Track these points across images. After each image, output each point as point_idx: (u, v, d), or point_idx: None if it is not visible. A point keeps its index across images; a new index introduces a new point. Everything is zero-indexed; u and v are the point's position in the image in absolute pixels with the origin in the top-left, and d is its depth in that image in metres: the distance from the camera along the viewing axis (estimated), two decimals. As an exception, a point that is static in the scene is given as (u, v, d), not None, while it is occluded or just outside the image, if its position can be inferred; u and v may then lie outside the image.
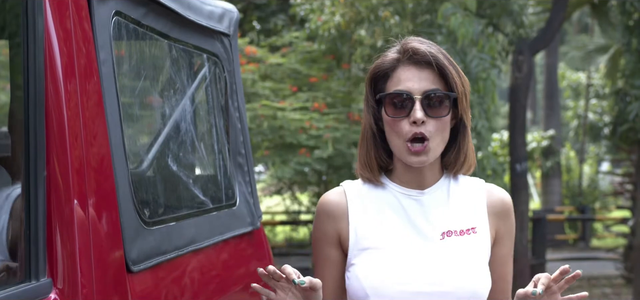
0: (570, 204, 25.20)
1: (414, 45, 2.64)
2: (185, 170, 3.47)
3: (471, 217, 2.67)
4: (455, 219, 2.66)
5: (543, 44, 13.56)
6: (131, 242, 2.72)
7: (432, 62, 2.60)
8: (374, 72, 2.70)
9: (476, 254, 2.63)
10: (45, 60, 2.40)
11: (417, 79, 2.61)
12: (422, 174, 2.66)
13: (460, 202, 2.68)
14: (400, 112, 2.59)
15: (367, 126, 2.71)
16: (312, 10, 12.86)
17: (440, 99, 2.60)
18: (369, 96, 2.71)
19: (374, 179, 2.70)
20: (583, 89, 27.50)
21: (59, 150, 2.41)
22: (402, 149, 2.59)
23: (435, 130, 2.58)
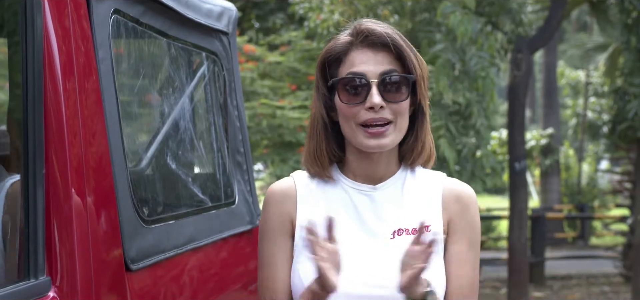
0: (569, 202, 25.22)
1: (368, 26, 2.46)
2: (184, 169, 3.47)
3: (424, 214, 2.46)
4: (407, 217, 2.46)
5: (542, 42, 13.56)
6: (130, 241, 2.72)
7: (388, 43, 2.43)
8: (325, 56, 2.52)
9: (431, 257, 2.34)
10: (44, 58, 2.40)
11: (373, 62, 2.43)
12: (376, 166, 2.49)
13: (415, 198, 2.49)
14: (355, 98, 2.42)
15: (318, 116, 2.52)
16: (311, 9, 12.86)
17: (398, 83, 2.42)
18: (320, 83, 2.54)
19: (323, 174, 2.53)
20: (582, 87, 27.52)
21: (58, 148, 2.41)
22: (359, 133, 2.42)
23: (394, 116, 2.42)
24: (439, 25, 11.03)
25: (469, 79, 10.86)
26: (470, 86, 10.88)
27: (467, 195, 2.52)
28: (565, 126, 31.45)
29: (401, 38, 2.46)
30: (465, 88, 10.83)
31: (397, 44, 2.43)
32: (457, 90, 10.74)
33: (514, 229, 13.11)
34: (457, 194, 2.51)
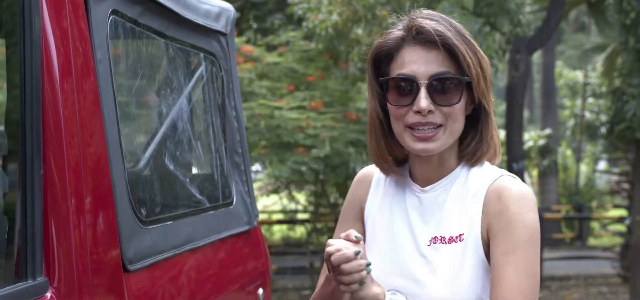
0: (567, 203, 25.23)
1: (420, 21, 2.35)
2: (182, 169, 3.47)
3: (463, 221, 2.37)
4: (446, 224, 2.38)
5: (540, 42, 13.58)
6: (128, 241, 2.72)
7: (437, 42, 2.31)
8: (376, 52, 2.42)
9: (457, 265, 2.34)
10: (42, 59, 2.40)
11: (424, 62, 2.32)
12: (427, 167, 2.42)
13: (458, 203, 2.39)
14: (404, 99, 2.34)
15: (374, 114, 2.48)
16: (310, 9, 12.86)
17: (450, 84, 2.32)
18: (372, 80, 2.46)
19: (389, 170, 2.50)
20: (580, 87, 27.55)
21: (56, 149, 2.41)
22: (406, 135, 2.36)
23: (445, 119, 2.33)
24: (437, 25, 11.01)
25: (467, 79, 10.84)
26: (468, 87, 10.87)
27: (508, 193, 2.33)
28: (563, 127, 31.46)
29: (457, 34, 2.34)
30: (463, 88, 10.81)
31: (448, 43, 2.31)
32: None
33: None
34: (499, 194, 2.33)
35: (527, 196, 2.33)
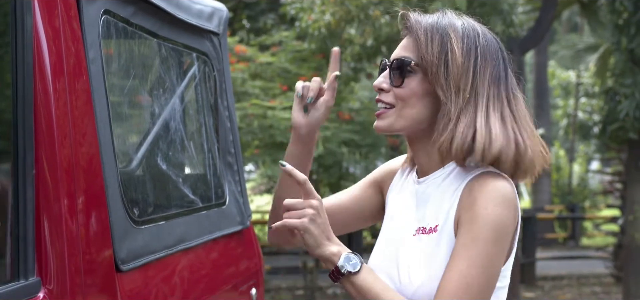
0: (560, 203, 25.28)
1: (408, 13, 2.50)
2: (175, 169, 3.46)
3: (440, 214, 2.42)
4: (429, 216, 2.45)
5: (533, 43, 13.60)
6: (120, 241, 2.72)
7: (408, 28, 2.48)
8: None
9: (429, 256, 2.40)
10: (34, 59, 2.40)
11: (398, 47, 2.50)
12: (416, 156, 2.53)
13: (441, 197, 2.44)
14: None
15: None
16: (302, 9, 12.86)
17: (399, 68, 2.44)
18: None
19: (407, 160, 2.67)
20: (573, 87, 27.59)
21: (48, 149, 2.40)
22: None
23: (396, 101, 2.44)
24: (430, 25, 11.02)
25: (460, 79, 10.85)
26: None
27: (480, 187, 2.36)
28: (556, 127, 31.51)
29: (431, 26, 2.43)
30: (456, 88, 10.82)
31: (414, 29, 2.44)
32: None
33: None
34: (472, 187, 2.37)
35: (500, 192, 2.34)
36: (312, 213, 2.36)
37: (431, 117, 2.44)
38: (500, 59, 2.47)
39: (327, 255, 2.36)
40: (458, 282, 2.29)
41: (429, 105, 2.43)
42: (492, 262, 2.32)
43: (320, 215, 2.38)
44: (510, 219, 2.34)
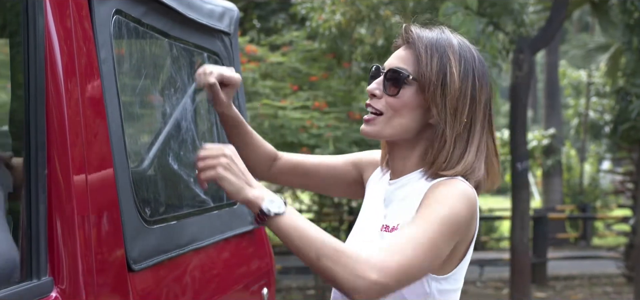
0: (571, 203, 25.24)
1: (408, 26, 2.57)
2: (186, 169, 3.46)
3: (402, 215, 2.50)
4: (392, 216, 2.53)
5: (544, 42, 13.57)
6: (132, 241, 2.72)
7: (409, 41, 2.54)
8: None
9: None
10: (46, 58, 2.40)
11: (395, 56, 2.55)
12: (392, 159, 2.61)
13: (407, 199, 2.52)
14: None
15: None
16: (313, 9, 12.86)
17: (394, 78, 2.50)
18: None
19: (383, 160, 2.75)
20: (584, 87, 27.53)
21: (60, 148, 2.41)
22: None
23: (386, 108, 2.50)
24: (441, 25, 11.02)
25: (470, 79, 10.85)
26: (472, 86, 10.87)
27: (444, 184, 2.44)
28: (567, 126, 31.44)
29: (433, 42, 2.49)
30: (467, 88, 10.81)
31: (415, 44, 2.50)
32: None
33: (516, 230, 13.11)
34: (435, 186, 2.45)
35: (462, 190, 2.41)
36: (225, 161, 2.41)
37: (418, 128, 2.52)
38: (489, 84, 2.55)
39: (250, 199, 2.36)
40: (390, 246, 2.30)
41: (418, 118, 2.50)
42: (433, 245, 2.32)
43: (235, 161, 2.42)
44: (465, 216, 2.38)
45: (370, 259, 2.25)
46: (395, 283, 2.26)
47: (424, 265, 2.31)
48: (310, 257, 2.29)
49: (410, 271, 2.28)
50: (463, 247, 2.45)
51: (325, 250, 2.27)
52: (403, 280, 2.27)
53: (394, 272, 2.25)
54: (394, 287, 2.27)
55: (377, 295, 2.25)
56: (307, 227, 2.32)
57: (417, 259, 2.28)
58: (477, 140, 2.49)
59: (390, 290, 2.27)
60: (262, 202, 2.35)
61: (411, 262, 2.27)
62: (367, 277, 2.23)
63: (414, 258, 2.28)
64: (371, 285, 2.22)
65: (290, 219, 2.33)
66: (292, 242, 2.32)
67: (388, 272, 2.24)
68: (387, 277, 2.24)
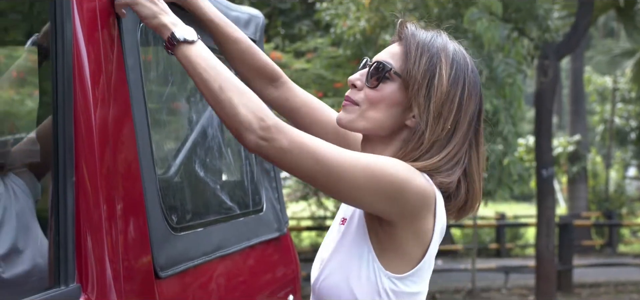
0: (596, 210, 25.11)
1: (403, 21, 2.51)
2: (213, 176, 3.47)
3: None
4: (348, 208, 2.48)
5: (569, 48, 13.52)
6: (159, 248, 2.73)
7: (401, 38, 2.47)
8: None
9: (336, 245, 2.41)
10: (74, 66, 2.41)
11: (385, 51, 2.48)
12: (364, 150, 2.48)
13: None
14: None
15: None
16: (337, 15, 12.86)
17: (376, 70, 2.41)
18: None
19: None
20: (609, 93, 27.39)
21: (88, 155, 2.42)
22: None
23: (363, 100, 2.41)
24: (466, 32, 11.00)
25: (496, 85, 10.83)
26: (497, 93, 10.85)
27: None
28: (592, 133, 31.31)
29: (421, 42, 2.41)
30: (492, 95, 10.80)
31: (407, 40, 2.43)
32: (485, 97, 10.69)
33: (542, 237, 13.07)
34: None
35: (410, 168, 2.29)
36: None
37: (393, 127, 2.42)
38: (480, 97, 2.45)
39: (164, 23, 2.39)
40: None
41: (395, 115, 2.41)
42: (351, 168, 2.23)
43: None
44: (403, 182, 2.25)
45: (276, 117, 2.24)
46: (287, 144, 2.21)
47: (328, 170, 2.24)
48: (214, 88, 2.27)
49: (308, 154, 2.22)
50: (414, 243, 2.33)
51: (230, 85, 2.27)
52: (296, 152, 2.22)
53: (291, 134, 2.22)
54: (283, 150, 2.22)
55: (263, 143, 2.22)
56: (216, 62, 2.33)
57: (323, 154, 2.23)
58: (455, 150, 2.37)
59: (277, 148, 2.22)
60: (174, 27, 2.38)
61: (315, 149, 2.23)
62: (264, 121, 2.21)
63: (320, 150, 2.23)
64: (264, 131, 2.21)
65: (199, 49, 2.35)
66: (196, 70, 2.31)
67: (285, 131, 2.22)
68: (282, 133, 2.21)
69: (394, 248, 2.32)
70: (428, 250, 2.35)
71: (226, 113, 2.26)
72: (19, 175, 2.81)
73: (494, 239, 22.10)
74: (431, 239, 2.34)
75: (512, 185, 11.58)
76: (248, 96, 2.26)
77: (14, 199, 2.72)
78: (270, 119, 2.21)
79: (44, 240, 2.63)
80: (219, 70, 2.30)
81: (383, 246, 2.33)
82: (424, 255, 2.35)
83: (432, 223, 2.34)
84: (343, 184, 2.24)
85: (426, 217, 2.32)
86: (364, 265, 2.34)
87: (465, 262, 18.55)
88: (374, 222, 2.34)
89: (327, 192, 2.31)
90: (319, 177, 2.24)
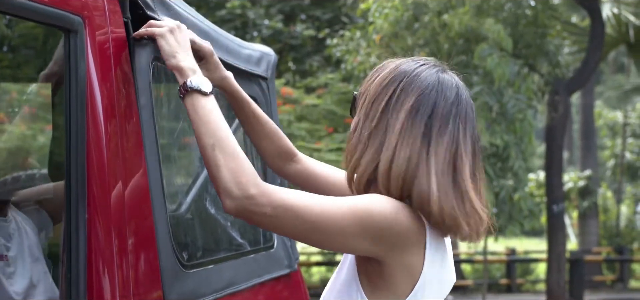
0: (607, 245, 25.01)
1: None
2: (223, 213, 3.48)
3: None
4: None
5: (579, 84, 13.53)
6: (170, 285, 2.73)
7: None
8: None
9: (335, 275, 2.43)
10: (87, 102, 2.43)
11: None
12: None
13: None
14: None
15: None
16: (348, 51, 12.91)
17: (352, 102, 2.47)
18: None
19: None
20: (620, 128, 27.36)
21: (99, 191, 2.43)
22: None
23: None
24: (476, 67, 11.03)
25: (506, 121, 10.85)
26: (507, 128, 10.87)
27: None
28: (603, 167, 31.24)
29: (376, 70, 2.41)
30: (502, 130, 10.81)
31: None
32: (495, 133, 10.73)
33: (552, 272, 13.03)
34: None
35: (379, 196, 2.25)
36: (173, 25, 2.52)
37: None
38: (427, 98, 2.32)
39: (181, 66, 2.43)
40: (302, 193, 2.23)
41: (353, 131, 2.39)
42: (336, 219, 2.20)
43: (183, 32, 2.54)
44: (381, 213, 2.21)
45: (261, 182, 2.20)
46: (270, 210, 2.17)
47: (312, 226, 2.21)
48: (207, 143, 2.27)
49: (292, 214, 2.18)
50: (403, 278, 2.28)
51: (224, 146, 2.25)
52: (280, 215, 2.18)
53: (275, 200, 2.17)
54: (266, 215, 2.18)
55: (243, 211, 2.18)
56: (220, 122, 2.32)
57: (306, 211, 2.19)
58: (392, 145, 2.28)
59: (259, 214, 2.18)
60: (192, 74, 2.41)
61: (298, 208, 2.19)
62: (245, 189, 2.18)
63: (303, 208, 2.19)
64: (244, 199, 2.17)
65: (207, 103, 2.36)
66: (196, 121, 2.34)
67: (268, 196, 2.18)
68: (265, 198, 2.17)
69: (383, 284, 2.28)
70: (417, 283, 2.28)
71: (211, 172, 2.25)
72: (29, 213, 2.84)
73: (504, 274, 22.02)
74: (421, 272, 2.28)
75: (523, 220, 11.57)
76: (238, 163, 2.22)
77: (25, 235, 2.74)
78: (254, 187, 2.17)
79: (56, 275, 2.64)
80: (218, 129, 2.29)
81: (373, 283, 2.30)
82: (412, 289, 2.28)
83: (422, 254, 2.27)
84: (330, 235, 2.21)
85: (414, 249, 2.26)
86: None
87: (476, 298, 18.49)
88: (363, 261, 2.31)
89: (320, 246, 2.30)
90: (307, 235, 2.23)
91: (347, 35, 13.31)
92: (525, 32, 12.08)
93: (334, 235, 2.21)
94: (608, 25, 17.25)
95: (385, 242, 2.22)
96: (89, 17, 2.49)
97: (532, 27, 12.16)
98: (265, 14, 16.04)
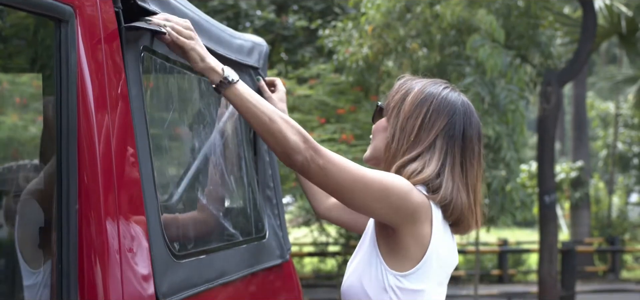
0: (599, 236, 25.05)
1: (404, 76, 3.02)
2: (215, 203, 3.47)
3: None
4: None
5: (571, 75, 13.53)
6: (162, 276, 2.73)
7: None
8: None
9: (358, 250, 2.85)
10: (78, 92, 2.42)
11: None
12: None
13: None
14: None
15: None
16: (340, 42, 12.89)
17: (378, 109, 2.98)
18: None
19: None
20: (612, 118, 27.39)
21: (91, 183, 2.42)
22: None
23: (372, 134, 2.97)
24: (469, 58, 11.03)
25: (498, 112, 10.85)
26: (499, 119, 10.87)
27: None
28: (595, 158, 31.28)
29: (402, 82, 2.94)
30: (494, 121, 10.81)
31: (396, 85, 2.95)
32: (487, 124, 10.73)
33: (544, 263, 13.05)
34: None
35: (398, 176, 2.72)
36: (194, 34, 2.78)
37: (382, 148, 2.91)
38: (454, 121, 2.83)
39: (212, 66, 2.74)
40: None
41: (383, 138, 2.91)
42: (366, 181, 2.65)
43: (193, 29, 2.80)
44: (401, 189, 2.68)
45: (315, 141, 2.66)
46: (322, 162, 2.63)
47: (351, 182, 2.64)
48: (264, 120, 2.64)
49: (337, 170, 2.64)
50: (415, 246, 2.71)
51: (276, 116, 2.65)
52: (329, 168, 2.64)
53: (326, 154, 2.64)
54: (319, 167, 2.63)
55: (310, 162, 2.62)
56: (259, 97, 2.71)
57: (347, 170, 2.64)
58: (424, 155, 2.80)
59: (317, 165, 2.62)
60: (222, 69, 2.73)
61: (341, 166, 2.64)
62: (311, 143, 2.63)
63: (345, 167, 2.64)
64: (311, 150, 2.62)
65: (244, 87, 2.72)
66: (246, 106, 2.68)
67: (322, 150, 2.64)
68: (322, 152, 2.64)
69: (398, 250, 2.71)
70: (427, 251, 2.72)
71: (276, 140, 2.64)
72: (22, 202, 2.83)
73: (496, 265, 22.05)
74: (430, 242, 2.72)
75: (515, 211, 11.58)
76: (291, 124, 2.65)
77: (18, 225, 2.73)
78: (311, 141, 2.63)
79: (47, 267, 2.63)
80: (265, 104, 2.68)
81: (389, 248, 2.73)
82: (423, 256, 2.71)
83: (429, 229, 2.72)
84: (362, 194, 2.65)
85: (424, 223, 2.72)
86: (373, 266, 2.75)
87: (468, 288, 18.52)
88: (381, 230, 2.75)
89: (348, 202, 2.70)
90: (343, 191, 2.66)
91: (339, 26, 13.30)
92: (518, 23, 12.09)
93: (363, 197, 2.66)
94: (600, 16, 17.27)
95: (401, 212, 2.67)
96: (80, 6, 2.48)
97: (525, 18, 12.16)
98: (257, 4, 16.03)
